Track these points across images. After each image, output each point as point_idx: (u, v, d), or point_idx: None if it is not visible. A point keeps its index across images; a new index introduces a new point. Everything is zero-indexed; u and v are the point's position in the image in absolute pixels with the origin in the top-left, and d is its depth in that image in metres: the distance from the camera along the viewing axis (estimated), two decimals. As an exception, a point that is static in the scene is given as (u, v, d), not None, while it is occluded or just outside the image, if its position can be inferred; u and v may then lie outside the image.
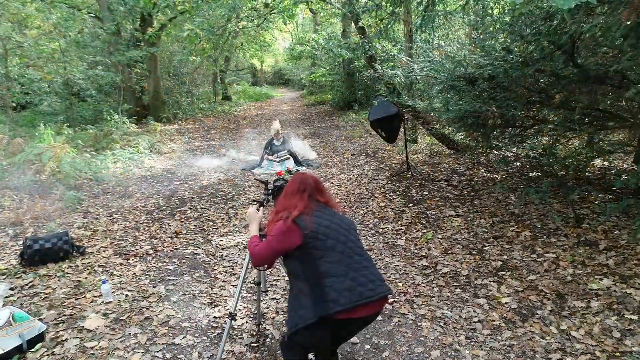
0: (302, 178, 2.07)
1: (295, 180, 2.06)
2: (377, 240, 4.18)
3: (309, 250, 1.84)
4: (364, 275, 1.81)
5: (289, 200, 1.99)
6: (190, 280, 3.39)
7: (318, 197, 2.02)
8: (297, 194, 1.99)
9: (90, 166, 6.42)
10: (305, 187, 2.01)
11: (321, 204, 2.01)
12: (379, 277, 1.88)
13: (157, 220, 4.87)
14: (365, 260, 1.88)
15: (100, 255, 3.83)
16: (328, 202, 2.05)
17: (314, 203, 1.98)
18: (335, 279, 1.77)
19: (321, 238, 1.84)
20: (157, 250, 3.98)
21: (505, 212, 4.58)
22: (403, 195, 5.54)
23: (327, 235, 1.85)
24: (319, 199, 2.02)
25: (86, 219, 4.82)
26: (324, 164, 7.78)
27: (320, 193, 2.05)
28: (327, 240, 1.84)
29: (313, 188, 2.03)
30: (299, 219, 1.88)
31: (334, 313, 1.70)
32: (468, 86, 4.44)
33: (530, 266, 3.42)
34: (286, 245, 1.85)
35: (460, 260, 3.64)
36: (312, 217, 1.90)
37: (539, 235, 3.92)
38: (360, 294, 1.75)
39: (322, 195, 2.05)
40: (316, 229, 1.86)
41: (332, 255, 1.82)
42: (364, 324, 1.91)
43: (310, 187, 2.02)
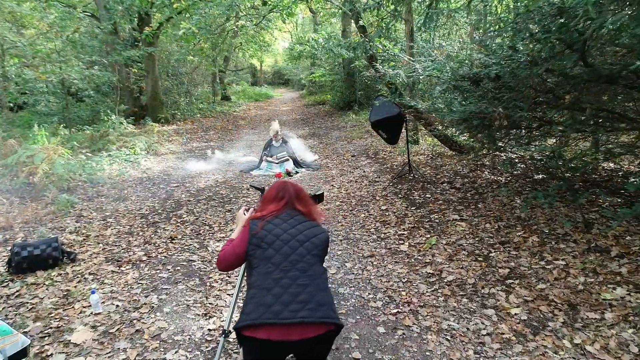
0: (283, 185, 1.95)
1: (275, 187, 1.95)
2: (379, 246, 4.04)
3: (249, 258, 1.74)
4: (293, 294, 1.58)
5: (265, 206, 1.89)
6: (184, 289, 3.25)
7: (297, 205, 1.88)
8: (274, 201, 1.89)
9: (84, 168, 6.28)
10: (284, 195, 1.89)
11: (298, 213, 1.86)
12: (317, 300, 1.59)
13: (152, 224, 4.73)
14: (306, 278, 1.63)
15: (91, 262, 3.69)
16: (309, 213, 1.88)
17: (288, 211, 1.85)
18: (257, 292, 1.61)
19: (263, 246, 1.71)
20: (150, 257, 3.83)
21: (511, 216, 4.44)
22: (405, 198, 5.40)
23: (270, 245, 1.71)
24: (297, 207, 1.87)
25: (79, 224, 4.68)
26: (324, 166, 7.64)
27: (300, 202, 1.90)
28: (268, 249, 1.70)
29: (292, 196, 1.89)
30: (253, 222, 1.80)
31: (241, 327, 1.54)
32: (472, 86, 4.31)
33: (539, 274, 3.28)
34: (243, 249, 1.76)
35: (466, 267, 3.49)
36: (268, 222, 1.78)
37: (547, 241, 3.78)
38: (274, 313, 1.53)
39: (303, 205, 1.90)
40: (263, 235, 1.73)
41: (265, 266, 1.67)
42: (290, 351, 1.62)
43: (289, 195, 1.89)
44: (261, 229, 1.76)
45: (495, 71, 3.37)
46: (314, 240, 1.75)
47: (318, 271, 1.70)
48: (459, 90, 4.50)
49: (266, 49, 24.33)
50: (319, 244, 1.76)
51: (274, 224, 1.78)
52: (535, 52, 3.34)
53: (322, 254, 1.77)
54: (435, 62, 5.10)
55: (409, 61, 5.30)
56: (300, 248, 1.71)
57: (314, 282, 1.65)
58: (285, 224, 1.78)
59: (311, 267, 1.68)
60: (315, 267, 1.70)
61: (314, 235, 1.77)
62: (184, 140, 10.50)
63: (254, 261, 1.71)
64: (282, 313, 1.54)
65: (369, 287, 3.30)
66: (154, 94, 12.92)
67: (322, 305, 1.60)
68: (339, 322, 1.61)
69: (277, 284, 1.61)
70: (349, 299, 3.14)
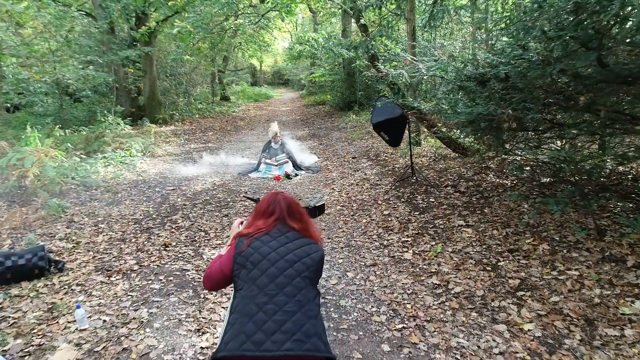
0: (274, 198, 1.75)
1: (266, 200, 1.76)
2: (382, 254, 3.86)
3: (234, 278, 1.57)
4: (278, 322, 1.40)
5: (255, 221, 1.71)
6: (176, 301, 3.07)
7: (289, 222, 1.68)
8: (263, 216, 1.70)
9: (77, 171, 6.10)
10: (274, 209, 1.70)
11: (290, 230, 1.66)
12: (305, 329, 1.41)
13: (145, 230, 4.55)
14: (293, 303, 1.45)
15: (80, 272, 3.51)
16: (303, 230, 1.69)
17: (279, 227, 1.66)
18: (238, 317, 1.44)
19: (248, 267, 1.53)
20: (142, 266, 3.65)
21: (519, 222, 4.26)
22: (408, 202, 5.22)
23: (256, 265, 1.53)
24: (290, 224, 1.68)
25: (69, 230, 4.50)
26: (324, 168, 7.46)
27: (292, 217, 1.70)
28: (253, 270, 1.52)
29: (284, 211, 1.70)
30: (240, 239, 1.63)
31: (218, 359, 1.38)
32: (478, 87, 4.14)
33: (551, 285, 3.10)
34: (229, 268, 1.59)
35: (474, 277, 3.32)
36: (256, 240, 1.60)
37: (558, 250, 3.60)
38: (256, 344, 1.36)
39: (296, 220, 1.70)
40: (248, 254, 1.55)
41: (249, 289, 1.49)
42: None
43: (280, 210, 1.70)
44: (247, 247, 1.58)
45: (505, 71, 3.20)
46: (305, 261, 1.56)
47: (308, 296, 1.50)
48: (464, 91, 4.33)
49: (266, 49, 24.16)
50: (310, 264, 1.56)
51: (262, 241, 1.60)
52: (547, 51, 3.17)
53: (314, 275, 1.57)
54: (438, 62, 4.93)
55: (412, 61, 5.13)
56: (290, 269, 1.52)
57: (303, 308, 1.46)
58: (275, 242, 1.59)
59: (300, 292, 1.49)
60: (305, 292, 1.50)
61: (306, 254, 1.58)
62: (182, 141, 10.33)
63: (238, 282, 1.53)
64: (264, 344, 1.36)
65: (372, 299, 3.12)
66: (151, 94, 12.74)
67: (311, 336, 1.40)
68: (331, 355, 1.41)
69: (261, 309, 1.43)
70: (351, 312, 2.96)
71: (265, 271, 1.50)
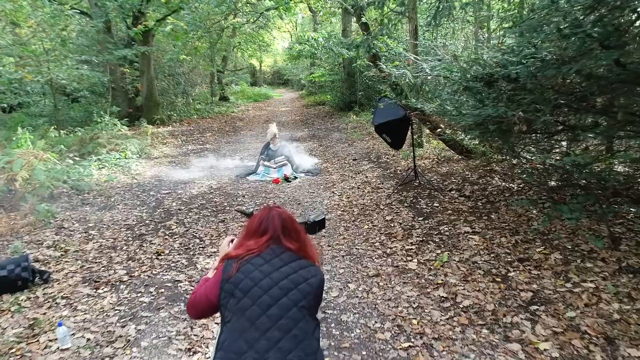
0: (267, 215, 1.55)
1: (258, 217, 1.56)
2: (385, 263, 3.67)
3: (221, 308, 1.38)
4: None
5: (245, 240, 1.51)
6: (167, 317, 2.88)
7: (284, 241, 1.49)
8: (254, 235, 1.51)
9: (69, 174, 5.91)
10: (267, 227, 1.51)
11: (285, 250, 1.46)
12: None
13: (137, 237, 4.36)
14: (289, 340, 1.28)
15: (66, 284, 3.32)
16: (300, 250, 1.49)
17: (273, 248, 1.47)
18: (224, 355, 1.26)
19: (237, 295, 1.34)
20: (132, 277, 3.46)
21: (528, 228, 4.08)
22: (411, 207, 5.04)
23: (246, 293, 1.33)
24: (285, 244, 1.48)
25: (58, 236, 4.31)
26: (324, 170, 7.27)
27: (288, 237, 1.50)
28: (244, 299, 1.33)
29: (278, 229, 1.50)
30: (228, 262, 1.43)
31: None
32: (485, 88, 3.95)
33: (566, 299, 2.92)
34: (215, 295, 1.40)
35: (483, 290, 3.13)
36: (246, 263, 1.40)
37: (571, 259, 3.41)
38: None
39: (292, 240, 1.50)
40: (237, 280, 1.36)
41: (238, 322, 1.30)
42: None
43: (274, 228, 1.50)
44: (236, 272, 1.38)
45: (516, 71, 3.01)
46: (302, 288, 1.36)
47: (306, 329, 1.31)
48: (470, 92, 4.14)
49: (265, 48, 24.00)
50: (309, 291, 1.37)
51: (253, 264, 1.40)
52: (561, 49, 2.98)
53: (312, 304, 1.38)
54: (442, 62, 4.74)
55: (415, 60, 4.94)
56: (284, 298, 1.32)
57: (300, 345, 1.27)
58: (268, 265, 1.40)
59: (297, 325, 1.30)
60: (302, 324, 1.31)
61: (304, 279, 1.38)
62: (179, 142, 10.14)
63: (226, 314, 1.34)
64: None
65: (376, 313, 2.94)
66: (149, 94, 12.56)
67: None
68: None
69: (252, 347, 1.24)
70: (353, 328, 2.77)
71: (256, 301, 1.31)
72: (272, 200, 5.62)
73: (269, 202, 5.52)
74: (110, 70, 11.45)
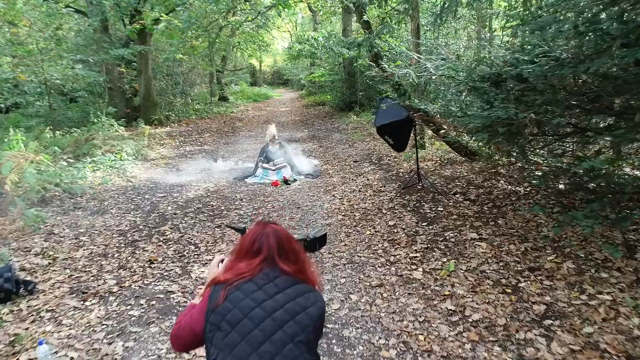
0: (261, 232, 1.36)
1: (251, 235, 1.37)
2: (388, 272, 3.49)
3: (206, 343, 1.20)
4: None
5: (236, 263, 1.32)
6: (157, 332, 2.70)
7: (280, 263, 1.30)
8: (246, 256, 1.32)
9: (62, 176, 5.73)
10: (261, 247, 1.32)
11: (281, 274, 1.28)
12: None
13: (130, 243, 4.18)
14: None
15: (52, 295, 3.15)
16: (298, 273, 1.31)
17: (266, 271, 1.28)
18: None
19: (224, 328, 1.16)
20: (122, 287, 3.29)
21: (537, 235, 3.90)
22: (414, 211, 4.86)
23: (234, 326, 1.15)
24: (281, 266, 1.30)
25: (47, 243, 4.14)
26: (324, 172, 7.10)
27: (284, 257, 1.32)
28: (231, 333, 1.15)
29: (273, 249, 1.32)
30: (216, 288, 1.25)
31: None
32: (492, 88, 3.78)
33: (582, 312, 2.74)
34: (201, 326, 1.22)
35: (493, 302, 2.96)
36: (235, 290, 1.22)
37: (585, 269, 3.24)
38: None
39: (289, 261, 1.32)
40: (225, 310, 1.18)
41: None
42: None
43: (268, 248, 1.32)
44: (224, 300, 1.20)
45: (528, 70, 2.84)
46: (300, 319, 1.18)
47: None
48: (477, 93, 3.97)
49: (265, 48, 23.83)
50: (307, 323, 1.19)
51: (244, 291, 1.22)
52: (578, 48, 2.81)
53: (312, 337, 1.20)
54: (447, 61, 4.57)
55: (419, 60, 4.77)
56: (279, 332, 1.15)
57: None
58: (261, 292, 1.22)
59: None
60: None
61: (302, 309, 1.20)
62: (177, 143, 9.96)
63: (212, 350, 1.17)
64: None
65: (379, 328, 2.76)
66: (147, 94, 12.38)
67: None
68: None
69: None
70: (356, 345, 2.60)
71: (246, 336, 1.13)
72: (271, 204, 5.45)
73: (267, 205, 5.35)
74: (107, 70, 11.28)
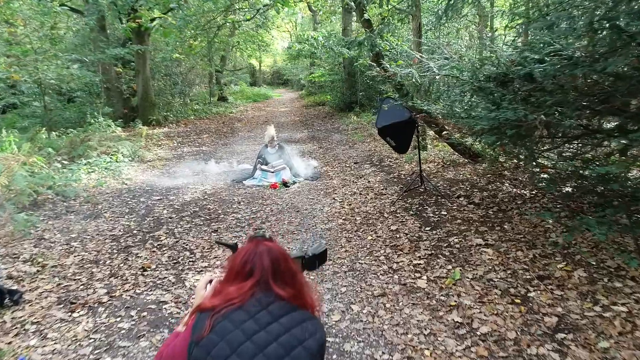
0: (253, 251, 1.18)
1: (242, 254, 1.19)
2: (391, 281, 3.35)
3: None
4: None
5: (225, 286, 1.15)
6: (147, 347, 2.56)
7: (275, 287, 1.13)
8: (237, 279, 1.14)
9: (55, 179, 5.58)
10: (253, 269, 1.14)
11: (275, 299, 1.12)
12: None
13: (123, 249, 4.04)
14: None
15: (39, 305, 3.00)
16: (294, 298, 1.14)
17: (259, 297, 1.11)
18: None
19: None
20: (113, 297, 3.14)
21: (545, 241, 3.76)
22: (417, 215, 4.72)
23: None
24: (275, 290, 1.13)
25: (37, 249, 3.99)
26: (324, 174, 6.95)
27: (280, 280, 1.15)
28: None
29: (267, 271, 1.14)
30: (201, 317, 1.09)
31: None
32: (499, 88, 3.64)
33: (596, 325, 2.60)
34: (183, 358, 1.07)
35: (502, 313, 2.81)
36: (222, 319, 1.06)
37: (597, 278, 3.10)
38: None
39: (285, 284, 1.15)
40: (210, 344, 1.02)
41: None
42: None
43: (261, 269, 1.14)
44: (210, 331, 1.04)
45: (539, 70, 2.69)
46: (298, 355, 1.03)
47: None
48: (483, 93, 3.83)
49: (265, 48, 23.68)
50: (305, 358, 1.03)
51: (232, 321, 1.06)
52: (592, 45, 2.66)
53: None
54: (451, 60, 4.42)
55: (422, 59, 4.62)
56: None
57: None
58: (251, 322, 1.06)
59: None
60: None
61: (298, 342, 1.04)
62: (174, 144, 9.82)
63: None
64: None
65: (382, 341, 2.62)
66: (144, 94, 12.23)
67: None
68: None
69: None
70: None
71: None
72: (269, 207, 5.30)
73: (265, 209, 5.20)
74: (105, 70, 11.13)
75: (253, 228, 4.56)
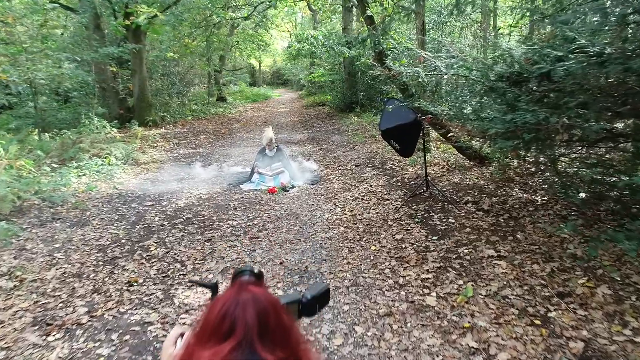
0: (237, 301, 0.86)
1: (220, 304, 0.87)
2: (397, 297, 3.08)
3: None
4: None
5: (198, 348, 0.84)
6: (127, 378, 2.29)
7: (261, 351, 0.81)
8: (213, 338, 0.83)
9: (41, 183, 5.31)
10: (234, 326, 0.83)
11: None
12: None
13: (109, 261, 3.77)
14: None
15: (11, 327, 2.73)
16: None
17: None
18: None
19: None
20: (93, 317, 2.87)
21: (563, 252, 3.49)
22: (423, 223, 4.45)
23: None
24: (262, 355, 0.80)
25: (17, 260, 3.72)
26: (324, 177, 6.69)
27: (267, 340, 0.83)
28: None
29: (252, 328, 0.83)
30: None
31: None
32: (513, 88, 3.37)
33: (628, 352, 2.33)
34: None
35: (521, 337, 2.54)
36: None
37: (623, 296, 2.83)
38: None
39: (275, 345, 0.83)
40: None
41: None
42: None
43: (245, 328, 0.82)
44: None
45: (563, 68, 2.43)
46: None
47: None
48: (496, 94, 3.56)
49: (264, 48, 23.41)
50: None
51: None
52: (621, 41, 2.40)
53: None
54: (457, 59, 4.16)
55: (428, 58, 4.36)
56: None
57: None
58: None
59: None
60: None
61: None
62: (170, 146, 9.55)
63: None
64: None
65: (390, 370, 2.35)
66: (141, 94, 11.96)
67: None
68: None
69: None
70: (363, 394, 2.19)
71: None
72: (267, 213, 5.03)
73: (262, 215, 4.93)
74: (100, 70, 10.88)
75: (249, 237, 4.30)
